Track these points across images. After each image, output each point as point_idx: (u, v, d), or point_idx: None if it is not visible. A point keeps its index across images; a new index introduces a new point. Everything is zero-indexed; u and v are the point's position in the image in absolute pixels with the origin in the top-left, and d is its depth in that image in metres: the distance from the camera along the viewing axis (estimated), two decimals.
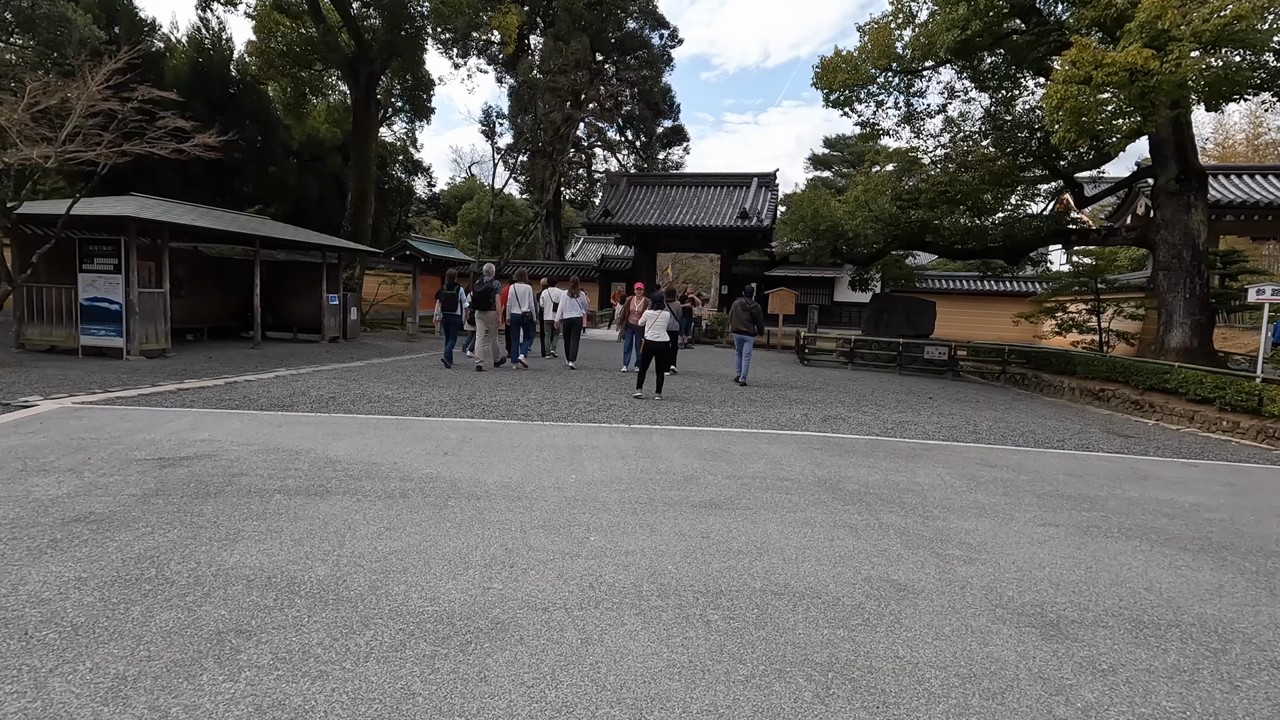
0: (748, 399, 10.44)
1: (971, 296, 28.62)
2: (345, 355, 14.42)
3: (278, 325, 17.70)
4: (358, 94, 22.44)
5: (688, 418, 8.36)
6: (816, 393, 11.82)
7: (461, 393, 9.58)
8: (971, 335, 23.71)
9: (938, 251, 17.35)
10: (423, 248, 18.75)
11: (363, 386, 9.74)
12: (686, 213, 31.28)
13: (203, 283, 16.15)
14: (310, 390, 9.15)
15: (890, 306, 18.73)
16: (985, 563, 4.00)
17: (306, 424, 6.85)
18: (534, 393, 9.90)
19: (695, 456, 6.27)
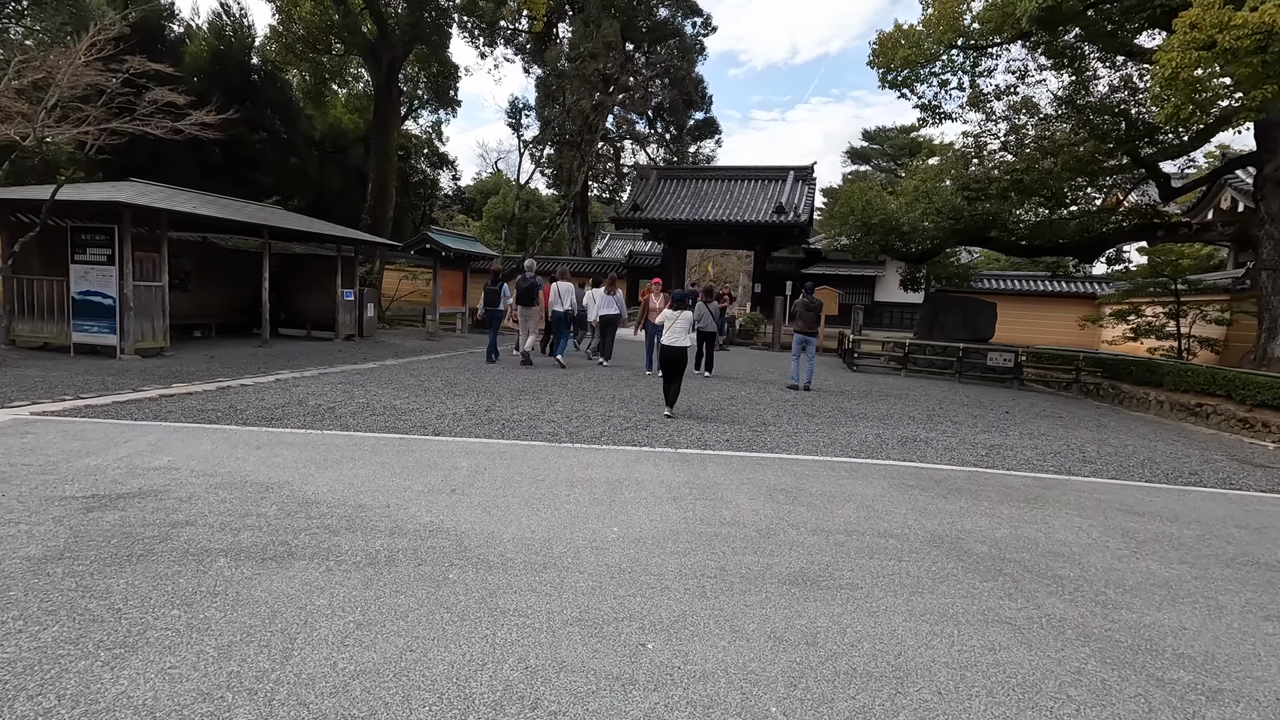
0: (804, 413, 9.12)
1: (1021, 297, 26.83)
2: (358, 355, 13.38)
3: (290, 322, 16.77)
4: (379, 80, 21.47)
5: (743, 439, 7.09)
6: (877, 404, 10.44)
7: (480, 403, 8.41)
8: (1021, 339, 22.03)
9: (1001, 248, 15.82)
10: (444, 240, 17.69)
11: (369, 394, 8.61)
12: (719, 207, 29.98)
13: (211, 276, 15.25)
14: (308, 398, 8.04)
15: (946, 307, 17.21)
16: (1235, 699, 2.68)
17: (290, 445, 5.71)
18: (562, 402, 8.70)
19: (765, 497, 4.99)
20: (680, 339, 8.12)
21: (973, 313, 17.09)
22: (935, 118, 14.62)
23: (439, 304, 18.18)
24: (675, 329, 8.14)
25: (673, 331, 8.13)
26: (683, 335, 8.13)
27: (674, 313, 8.21)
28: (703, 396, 9.96)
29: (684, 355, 8.20)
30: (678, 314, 8.19)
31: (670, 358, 8.16)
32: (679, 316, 8.17)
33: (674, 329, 8.15)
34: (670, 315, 8.23)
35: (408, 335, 18.93)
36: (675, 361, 8.17)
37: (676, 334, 8.12)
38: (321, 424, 6.66)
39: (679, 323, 8.14)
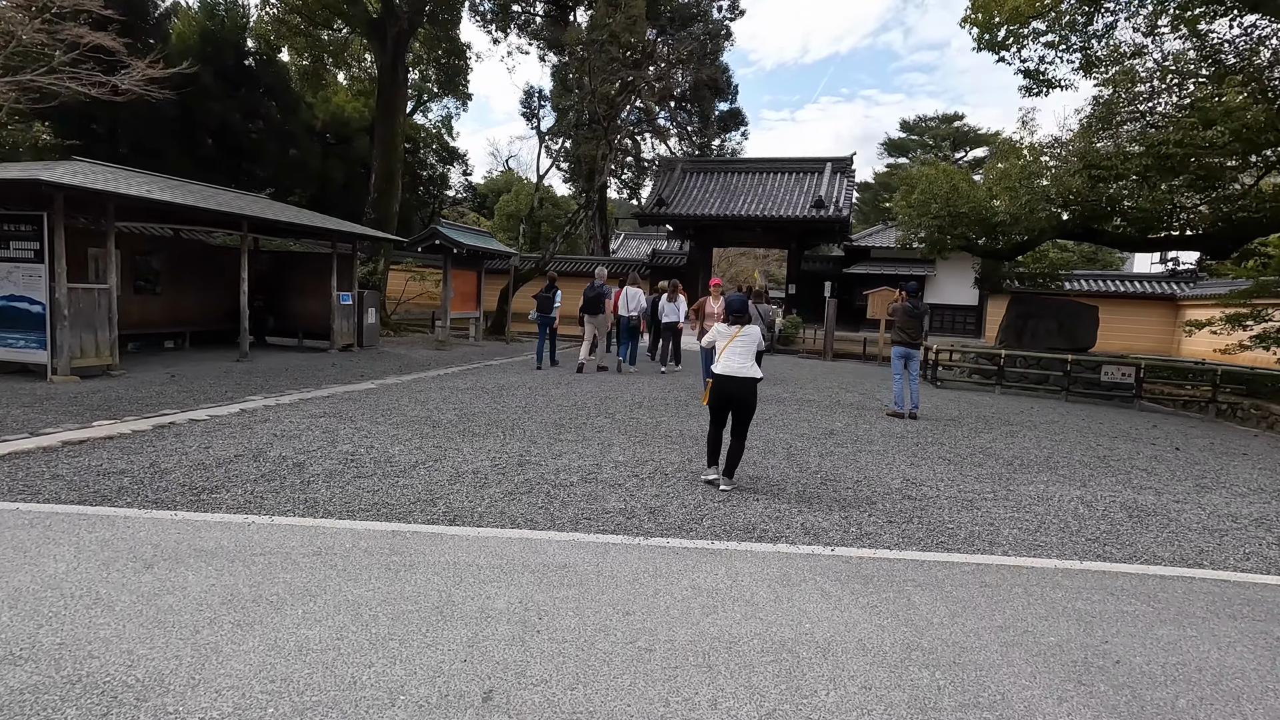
0: (942, 458, 6.77)
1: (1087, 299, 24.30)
2: (354, 371, 11.15)
3: (280, 329, 14.58)
4: (384, 60, 19.29)
5: (909, 521, 4.76)
6: (1015, 439, 8.08)
7: (509, 448, 6.13)
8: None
9: (1112, 241, 13.41)
10: (456, 236, 15.47)
11: (358, 436, 6.35)
12: (751, 202, 27.68)
13: (187, 276, 13.07)
14: (271, 446, 5.78)
15: (1038, 312, 14.79)
16: None
17: (207, 558, 3.42)
18: (618, 445, 6.41)
19: (1065, 679, 2.67)
20: (743, 365, 5.18)
21: (1070, 317, 14.67)
22: (1040, 86, 12.21)
23: (450, 308, 15.97)
24: (734, 351, 5.21)
25: (730, 355, 5.20)
26: (746, 360, 5.21)
27: (729, 328, 5.34)
28: (793, 431, 7.63)
29: (750, 393, 5.20)
30: (735, 329, 5.30)
31: (726, 394, 5.19)
32: (739, 334, 5.27)
33: (732, 351, 5.21)
34: (723, 331, 5.38)
35: (414, 344, 16.70)
36: (734, 401, 5.20)
37: (736, 358, 5.19)
38: (276, 500, 4.38)
39: (739, 343, 5.23)
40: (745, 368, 5.18)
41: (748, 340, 5.27)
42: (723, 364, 5.19)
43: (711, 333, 5.53)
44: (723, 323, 5.47)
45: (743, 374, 5.16)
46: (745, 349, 5.24)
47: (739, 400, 5.20)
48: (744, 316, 5.40)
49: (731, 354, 5.19)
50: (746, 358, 5.22)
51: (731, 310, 5.45)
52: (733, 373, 5.15)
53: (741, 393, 5.18)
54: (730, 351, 5.21)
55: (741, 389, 5.18)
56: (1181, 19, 10.86)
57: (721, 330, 5.43)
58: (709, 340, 5.54)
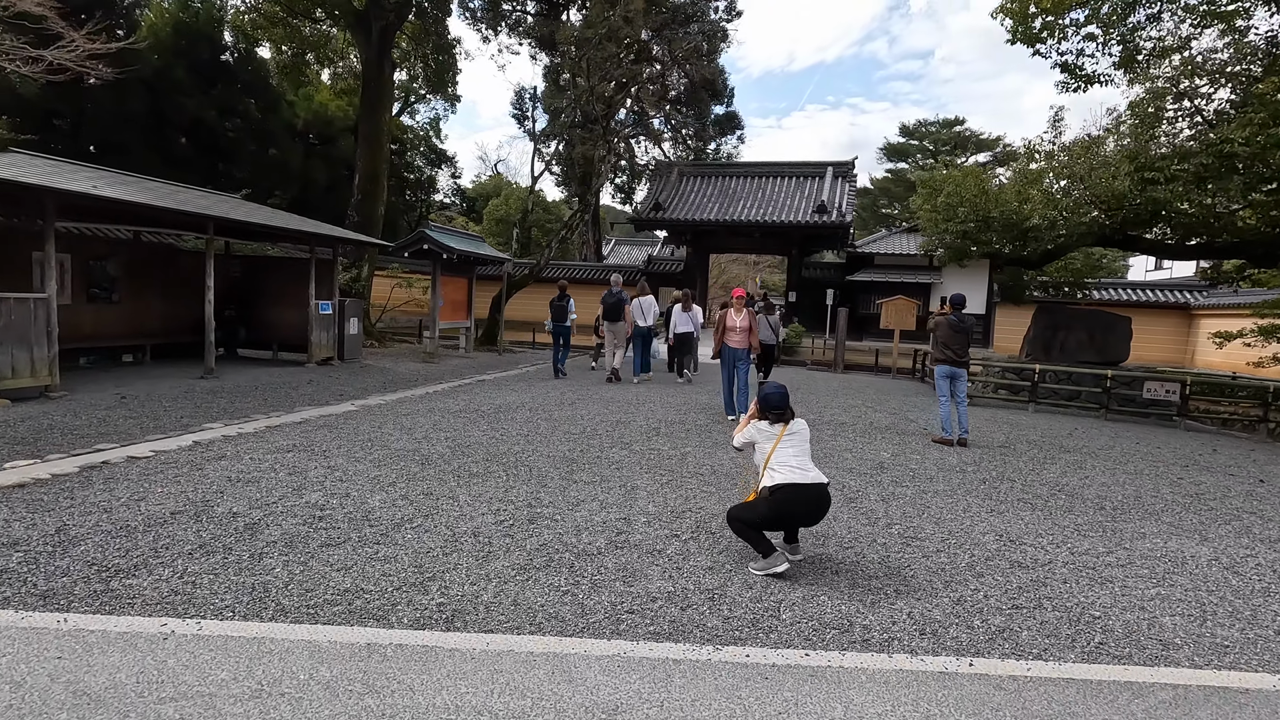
0: (1021, 499, 5.78)
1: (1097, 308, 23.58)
2: (332, 389, 10.02)
3: (253, 340, 13.40)
4: (369, 54, 18.18)
5: (1032, 613, 3.75)
6: (1083, 470, 7.11)
7: (514, 494, 5.05)
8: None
9: (1150, 248, 12.57)
10: (445, 240, 14.39)
11: (330, 479, 5.25)
12: (750, 206, 26.84)
13: (148, 283, 11.88)
14: (222, 497, 4.68)
15: (1067, 323, 13.92)
16: None
17: None
18: (645, 488, 5.35)
19: None
20: (805, 468, 3.86)
21: (1102, 329, 13.81)
22: (1078, 81, 11.36)
23: (439, 317, 14.86)
24: (788, 453, 3.88)
25: (784, 459, 3.86)
26: (806, 459, 3.92)
27: (771, 427, 3.99)
28: (839, 464, 6.62)
29: (825, 501, 3.89)
30: (779, 428, 3.96)
31: (790, 511, 3.86)
32: (784, 433, 3.95)
33: (785, 455, 3.88)
34: (765, 432, 4.00)
35: (400, 355, 15.56)
36: (803, 516, 3.93)
37: (795, 460, 3.87)
38: (212, 588, 3.29)
39: (790, 442, 3.93)
40: (810, 470, 3.88)
41: (799, 438, 4.01)
42: (780, 473, 3.81)
43: (749, 432, 4.11)
44: (762, 421, 4.07)
45: (810, 479, 3.82)
46: (800, 448, 3.97)
47: (810, 514, 3.91)
48: (786, 413, 4.04)
49: (786, 457, 3.88)
50: (805, 456, 3.96)
51: (771, 407, 4.02)
52: (797, 480, 3.78)
53: (813, 504, 3.85)
54: (783, 455, 3.89)
55: (813, 500, 3.84)
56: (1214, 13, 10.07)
57: (763, 431, 4.04)
58: (743, 440, 4.16)
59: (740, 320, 8.71)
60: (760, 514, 3.84)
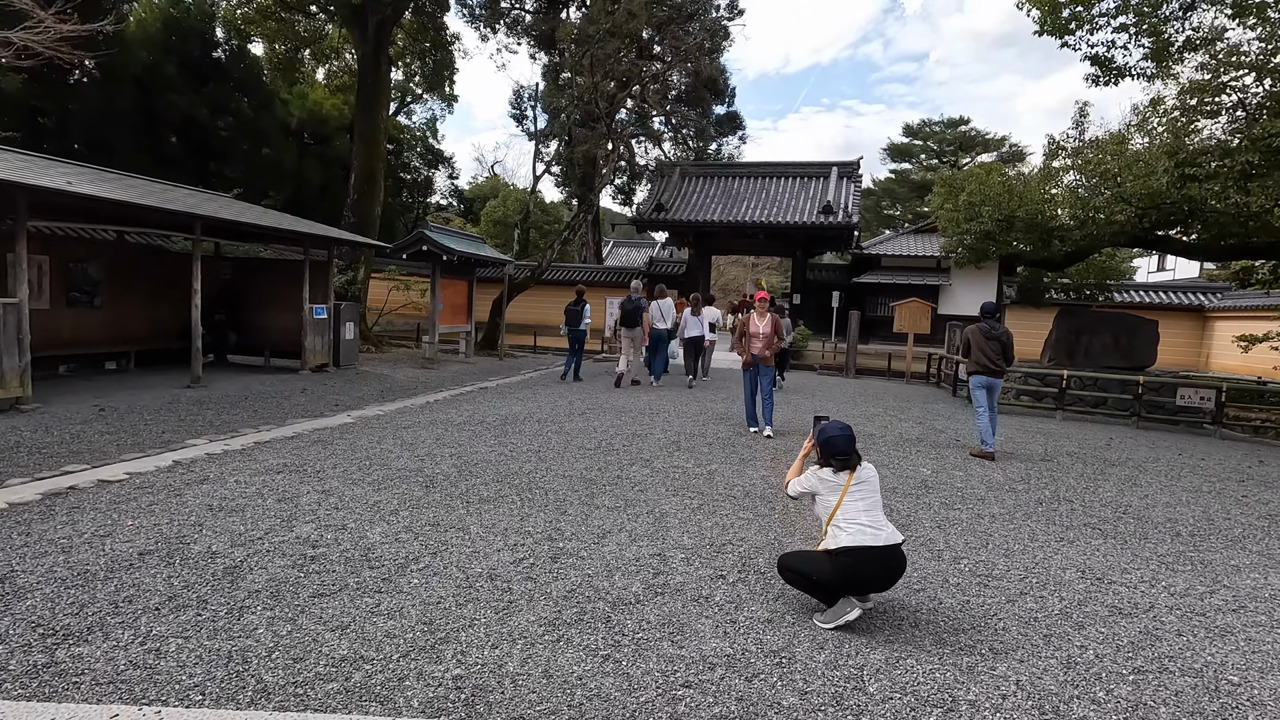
0: (1092, 527, 5.25)
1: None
2: (327, 398, 9.44)
3: (245, 345, 12.81)
4: (365, 49, 17.62)
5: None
6: (1138, 488, 6.59)
7: (532, 524, 4.49)
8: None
9: (1181, 249, 12.07)
10: (445, 241, 13.83)
11: (325, 507, 4.68)
12: (754, 207, 26.39)
13: (134, 287, 11.28)
14: (200, 531, 4.11)
15: (1091, 327, 13.42)
16: None
17: None
18: (676, 514, 4.80)
19: None
20: (879, 525, 3.24)
21: (1128, 333, 13.31)
22: (1109, 74, 10.86)
23: (438, 321, 14.28)
24: (857, 508, 3.26)
25: (852, 514, 3.25)
26: (878, 514, 3.30)
27: (836, 476, 3.34)
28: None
29: (902, 564, 3.28)
30: (845, 477, 3.32)
31: (861, 576, 3.22)
32: (851, 482, 3.30)
33: (854, 509, 3.26)
34: (828, 482, 3.35)
35: (398, 361, 14.98)
36: (879, 580, 3.28)
37: (865, 516, 3.24)
38: (179, 658, 2.72)
39: (860, 494, 3.30)
40: (883, 528, 3.21)
41: (868, 488, 3.31)
42: (848, 532, 3.18)
43: (807, 480, 3.44)
44: (824, 469, 3.36)
45: (884, 540, 3.17)
46: (871, 499, 3.28)
47: (883, 579, 3.26)
48: (852, 458, 3.35)
49: (854, 513, 3.23)
50: (877, 510, 3.29)
51: (835, 452, 3.33)
52: (869, 543, 3.14)
53: (887, 568, 3.20)
54: (851, 510, 3.23)
55: (887, 564, 3.18)
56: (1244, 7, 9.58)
57: (826, 481, 3.33)
58: (800, 489, 3.51)
59: (764, 325, 8.16)
60: (822, 575, 3.25)
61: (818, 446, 3.46)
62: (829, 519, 3.30)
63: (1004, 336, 8.28)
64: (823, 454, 3.43)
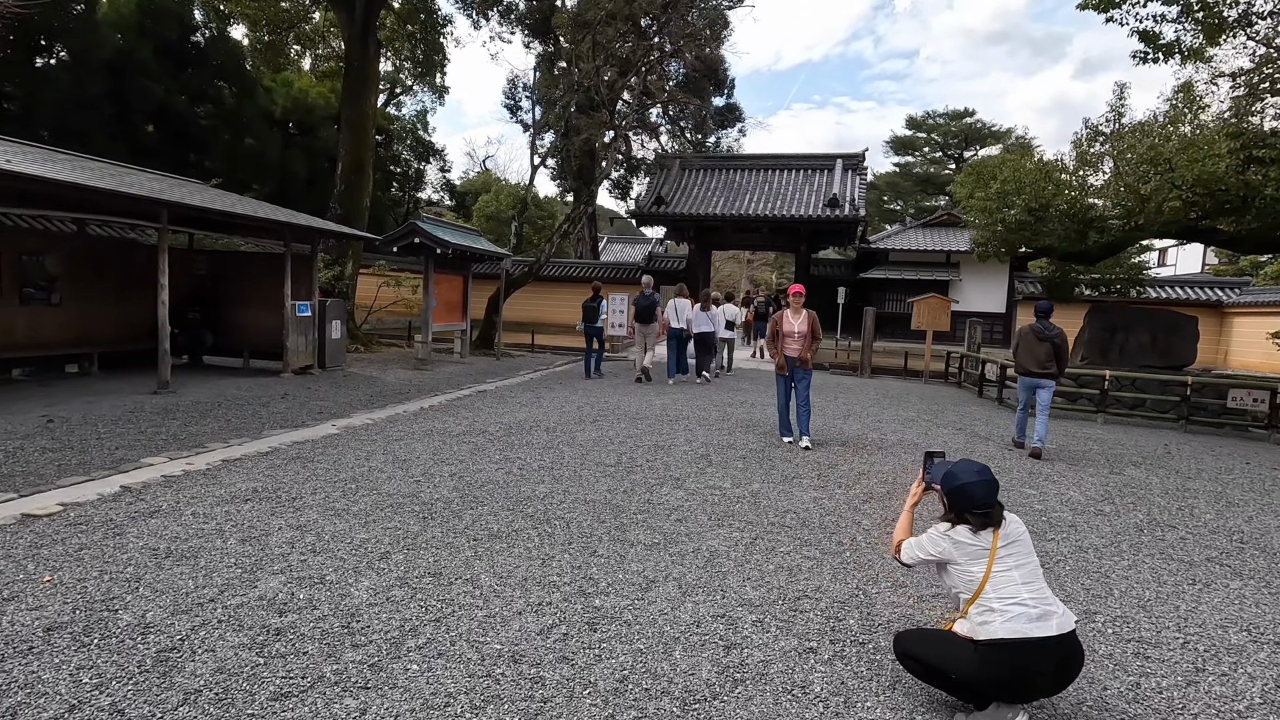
0: (1211, 557, 4.44)
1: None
2: (310, 405, 8.51)
3: (222, 346, 11.84)
4: (352, 31, 16.62)
5: None
6: (1227, 506, 5.79)
7: (556, 573, 3.62)
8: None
9: (1229, 240, 11.28)
10: (439, 234, 12.89)
11: (299, 549, 3.79)
12: (757, 200, 25.59)
13: (96, 282, 10.30)
14: (137, 588, 3.21)
15: (1126, 324, 12.66)
16: None
17: None
18: (728, 553, 3.95)
19: None
20: (1046, 604, 2.37)
21: (1166, 330, 12.56)
22: (1157, 52, 10.07)
23: (431, 318, 13.35)
24: (1014, 581, 2.37)
25: (1009, 590, 2.35)
26: (1043, 590, 2.42)
27: (976, 537, 2.44)
28: None
29: (1080, 658, 2.41)
30: (988, 538, 2.43)
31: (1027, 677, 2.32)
32: (998, 546, 2.42)
33: (1010, 584, 2.37)
34: (967, 546, 2.44)
35: (388, 361, 14.04)
36: (1049, 683, 2.39)
37: (1030, 595, 2.35)
38: None
39: (1014, 558, 2.42)
40: (1052, 609, 2.34)
41: (1021, 549, 2.43)
42: (1003, 615, 2.30)
43: (934, 542, 2.54)
44: (958, 527, 2.48)
45: (1056, 628, 2.31)
46: (1026, 565, 2.41)
47: (1056, 681, 2.39)
48: (995, 511, 2.46)
49: (1010, 588, 2.35)
50: (1038, 580, 2.40)
51: (974, 504, 2.44)
52: (1039, 631, 2.29)
53: (1060, 666, 2.35)
54: (1004, 583, 2.35)
55: (1060, 659, 2.33)
56: None
57: (963, 543, 2.44)
58: (921, 556, 2.61)
59: (799, 323, 7.30)
60: (966, 674, 2.37)
61: (944, 496, 2.59)
62: (973, 596, 2.42)
63: (1057, 338, 7.71)
64: (953, 506, 2.55)
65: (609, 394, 10.43)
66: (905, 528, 2.76)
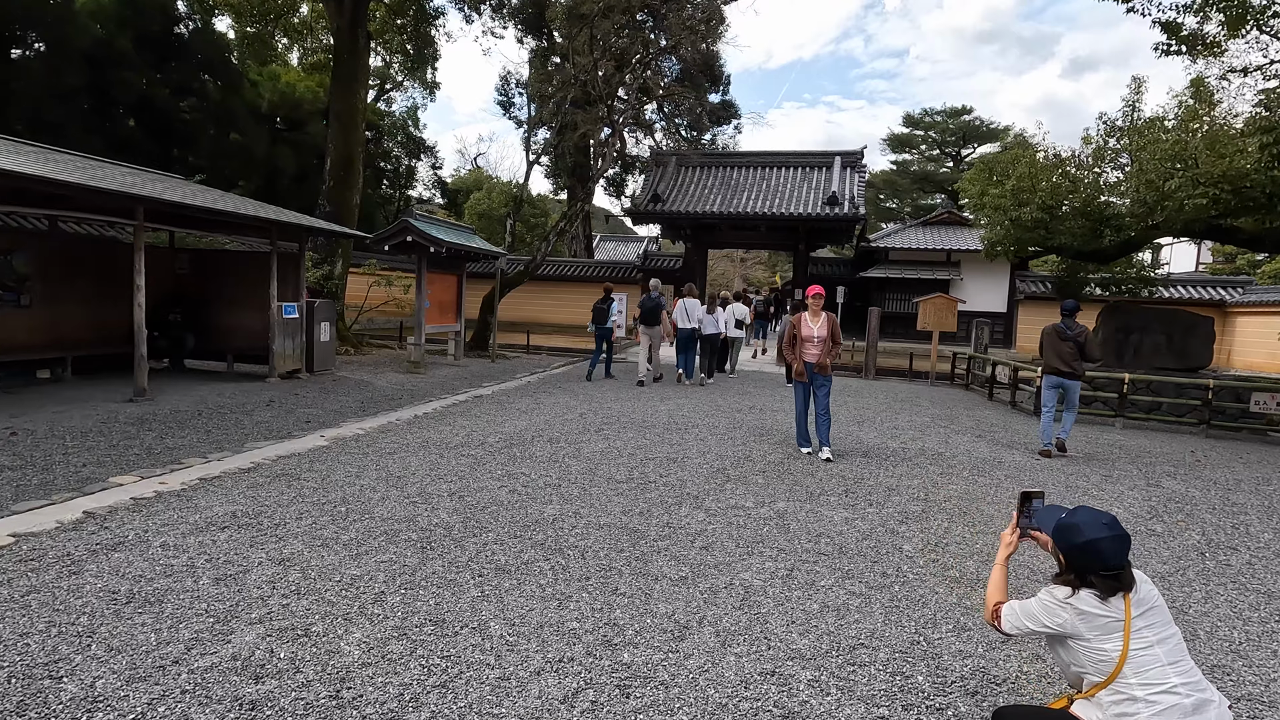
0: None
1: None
2: (297, 413, 8.01)
3: (205, 350, 11.29)
4: (340, 21, 16.06)
5: None
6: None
7: (575, 618, 3.18)
8: None
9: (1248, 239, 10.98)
10: (432, 231, 12.39)
11: (279, 590, 3.32)
12: (755, 198, 25.25)
13: (70, 282, 9.74)
14: (83, 645, 2.73)
15: (1140, 325, 12.34)
16: None
17: None
18: (770, 593, 3.53)
19: None
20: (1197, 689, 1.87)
21: (1182, 331, 12.25)
22: (1179, 44, 9.73)
23: (424, 319, 12.85)
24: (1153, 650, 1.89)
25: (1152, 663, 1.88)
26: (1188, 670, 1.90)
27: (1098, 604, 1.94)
28: (994, 529, 4.84)
29: None
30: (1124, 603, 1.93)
31: None
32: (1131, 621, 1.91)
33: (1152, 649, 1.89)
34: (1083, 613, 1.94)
35: (380, 364, 13.53)
36: None
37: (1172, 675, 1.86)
38: None
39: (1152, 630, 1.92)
40: (1210, 699, 1.86)
41: (1158, 619, 1.96)
42: (1155, 707, 1.83)
43: (1047, 611, 2.04)
44: (1081, 591, 1.98)
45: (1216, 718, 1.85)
46: (1167, 639, 1.93)
47: None
48: (1125, 573, 1.96)
49: (1154, 668, 1.88)
50: (1183, 657, 1.93)
51: (1104, 563, 1.95)
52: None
53: None
54: (1145, 663, 1.89)
55: None
56: None
57: (1088, 612, 1.95)
58: (1028, 627, 2.09)
59: (818, 327, 6.88)
60: None
61: (1059, 552, 2.13)
62: (1106, 680, 1.97)
63: (1080, 337, 7.59)
64: (1073, 567, 2.06)
65: (611, 399, 9.98)
66: (1000, 586, 2.31)
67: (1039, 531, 2.22)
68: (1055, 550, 2.12)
